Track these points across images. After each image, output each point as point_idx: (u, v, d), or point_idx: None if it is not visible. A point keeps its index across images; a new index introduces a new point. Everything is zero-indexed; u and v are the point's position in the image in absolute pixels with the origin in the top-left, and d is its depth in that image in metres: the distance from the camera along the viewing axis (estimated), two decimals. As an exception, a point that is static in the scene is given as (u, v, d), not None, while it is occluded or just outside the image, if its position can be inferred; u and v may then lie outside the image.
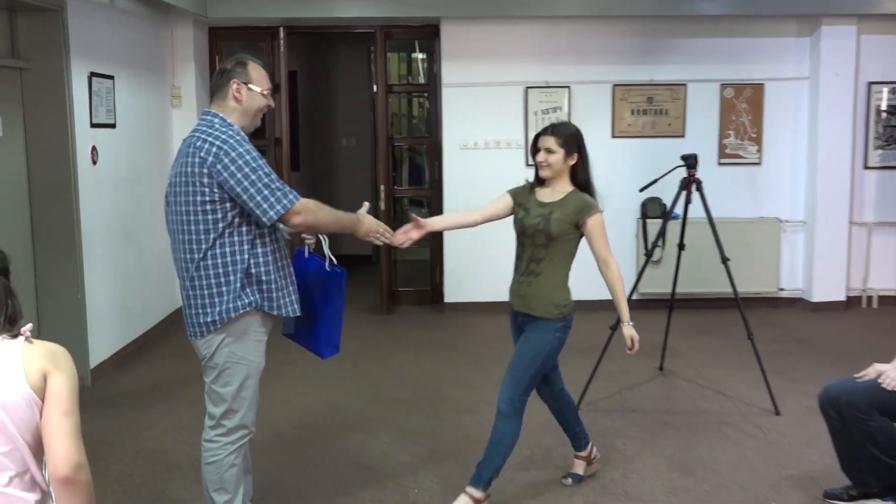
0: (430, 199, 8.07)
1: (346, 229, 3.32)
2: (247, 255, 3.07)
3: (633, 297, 5.42)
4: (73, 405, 1.97)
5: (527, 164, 7.45)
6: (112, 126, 6.00)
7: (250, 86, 3.17)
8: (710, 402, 5.20)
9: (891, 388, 3.50)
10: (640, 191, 5.51)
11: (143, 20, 6.64)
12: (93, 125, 5.68)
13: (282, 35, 7.41)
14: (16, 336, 2.01)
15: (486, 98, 7.46)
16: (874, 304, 7.72)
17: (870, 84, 7.48)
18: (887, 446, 3.54)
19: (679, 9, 7.09)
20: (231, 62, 3.21)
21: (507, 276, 3.83)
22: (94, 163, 5.72)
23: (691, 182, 5.17)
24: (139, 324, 6.54)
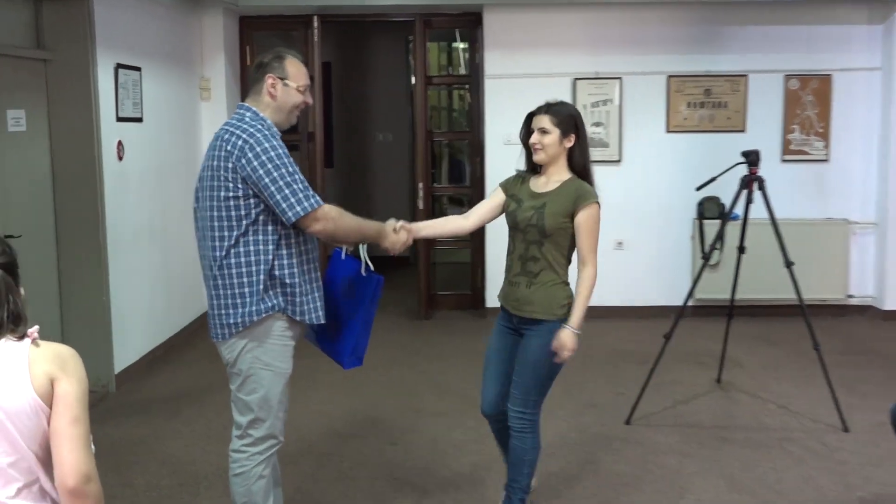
0: (471, 198, 8.05)
1: (369, 239, 3.35)
2: (271, 256, 3.09)
3: (689, 303, 5.35)
4: (83, 412, 1.97)
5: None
6: (139, 120, 6.08)
7: (286, 81, 3.19)
8: (772, 417, 5.14)
9: None
10: (697, 189, 5.45)
11: (170, 9, 6.72)
12: (119, 119, 5.75)
13: (315, 24, 7.46)
14: (21, 338, 2.00)
15: (532, 90, 7.40)
16: (952, 313, 7.56)
17: (948, 74, 7.33)
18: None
19: (740, -6, 7.03)
20: (269, 55, 3.25)
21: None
22: (120, 158, 5.79)
23: (752, 180, 5.11)
24: (166, 327, 6.62)
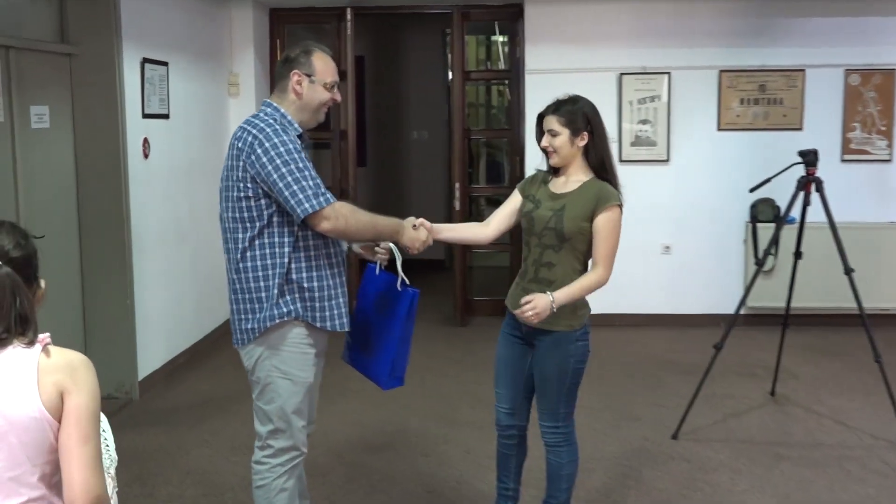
0: (511, 199, 8.04)
1: (385, 237, 3.31)
2: (287, 259, 3.09)
3: (741, 311, 5.30)
4: (95, 429, 1.95)
5: (620, 160, 7.38)
6: (165, 117, 6.15)
7: (313, 78, 3.18)
8: (829, 433, 5.08)
9: None
10: (751, 191, 5.40)
11: (199, 1, 6.79)
12: (145, 115, 5.82)
13: (348, 17, 7.49)
14: (31, 343, 1.96)
15: (575, 86, 7.25)
16: None
17: None
18: None
19: (797, -16, 6.96)
20: (296, 49, 3.24)
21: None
22: (146, 156, 5.86)
23: (810, 181, 5.06)
24: (192, 332, 6.68)
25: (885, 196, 7.45)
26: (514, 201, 3.60)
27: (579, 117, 3.42)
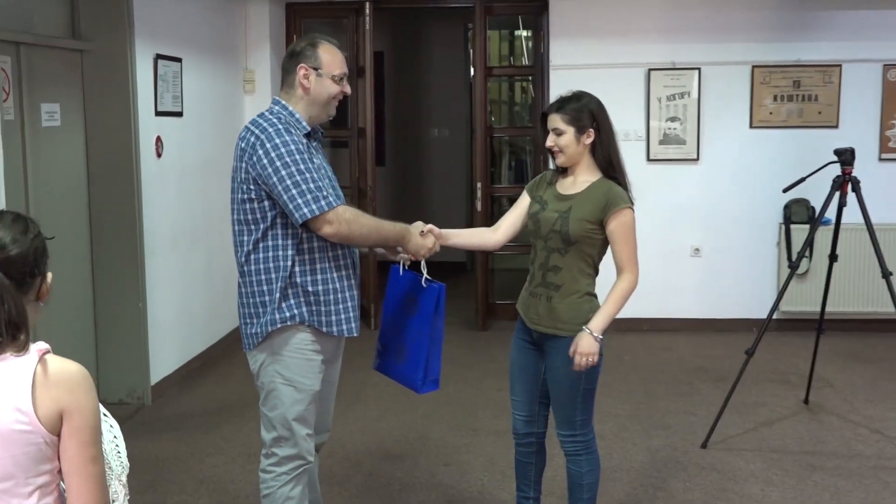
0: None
1: (390, 242, 3.28)
2: (290, 262, 3.09)
3: (774, 316, 5.28)
4: (99, 447, 1.95)
5: (648, 159, 7.37)
6: (179, 114, 6.19)
7: (320, 71, 3.17)
8: (866, 442, 5.05)
9: None
10: (784, 191, 5.38)
11: (214, -4, 6.83)
12: (158, 113, 5.86)
13: (368, 11, 7.50)
14: (22, 348, 1.89)
15: (602, 82, 7.33)
16: None
17: None
18: None
19: (833, -25, 6.93)
20: (301, 43, 3.24)
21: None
22: (159, 155, 5.90)
23: (846, 181, 5.03)
24: (205, 336, 6.72)
25: (925, 196, 7.40)
26: (523, 204, 3.59)
27: (584, 114, 3.41)
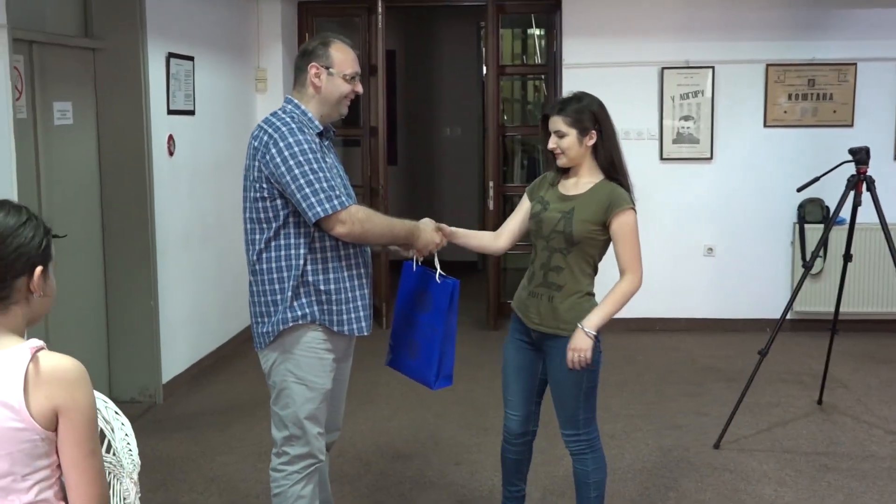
0: (547, 198, 8.05)
1: (400, 240, 3.31)
2: (302, 261, 3.11)
3: (788, 316, 5.27)
4: (96, 441, 1.98)
5: (661, 158, 7.36)
6: (191, 113, 6.21)
7: (331, 70, 3.19)
8: (880, 443, 5.03)
9: None
10: (799, 190, 5.37)
11: (226, -6, 6.85)
12: (170, 112, 5.88)
13: (380, 9, 7.51)
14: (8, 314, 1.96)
15: (615, 81, 7.37)
16: None
17: None
18: None
19: (848, -27, 6.91)
20: (313, 42, 3.26)
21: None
22: (171, 154, 5.92)
23: (861, 181, 5.02)
24: (217, 335, 6.75)
25: (941, 196, 7.37)
26: (524, 208, 3.60)
27: (586, 116, 3.40)
